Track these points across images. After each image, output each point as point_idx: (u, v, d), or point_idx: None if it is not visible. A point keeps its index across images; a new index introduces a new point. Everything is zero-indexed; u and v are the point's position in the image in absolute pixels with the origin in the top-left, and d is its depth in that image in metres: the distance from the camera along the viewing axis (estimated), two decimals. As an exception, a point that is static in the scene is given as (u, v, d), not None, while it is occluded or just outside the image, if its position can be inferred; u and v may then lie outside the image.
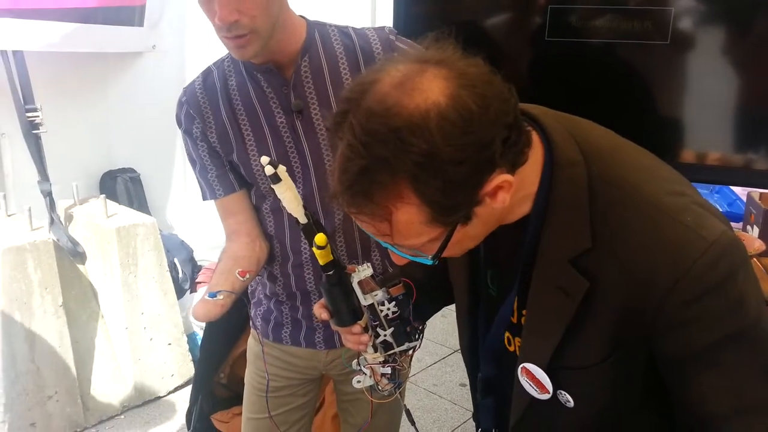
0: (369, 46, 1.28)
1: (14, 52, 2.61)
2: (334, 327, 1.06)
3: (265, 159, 0.89)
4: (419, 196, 0.66)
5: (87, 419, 2.65)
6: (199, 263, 3.51)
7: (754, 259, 2.19)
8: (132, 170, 3.43)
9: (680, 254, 0.71)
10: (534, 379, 0.83)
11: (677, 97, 1.75)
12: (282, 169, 0.90)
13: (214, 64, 1.34)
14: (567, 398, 0.82)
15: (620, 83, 1.76)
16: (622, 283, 0.74)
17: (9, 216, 2.64)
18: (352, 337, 1.02)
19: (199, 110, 1.31)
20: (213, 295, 1.18)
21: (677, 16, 1.69)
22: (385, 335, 1.02)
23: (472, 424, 1.15)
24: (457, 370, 3.21)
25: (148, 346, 2.77)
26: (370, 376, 1.06)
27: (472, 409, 1.13)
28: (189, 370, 2.93)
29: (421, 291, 1.06)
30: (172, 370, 2.88)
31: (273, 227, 1.39)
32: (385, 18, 2.74)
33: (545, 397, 0.83)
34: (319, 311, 1.05)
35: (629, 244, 0.73)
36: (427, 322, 1.08)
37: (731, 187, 2.96)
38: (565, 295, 0.77)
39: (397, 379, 1.05)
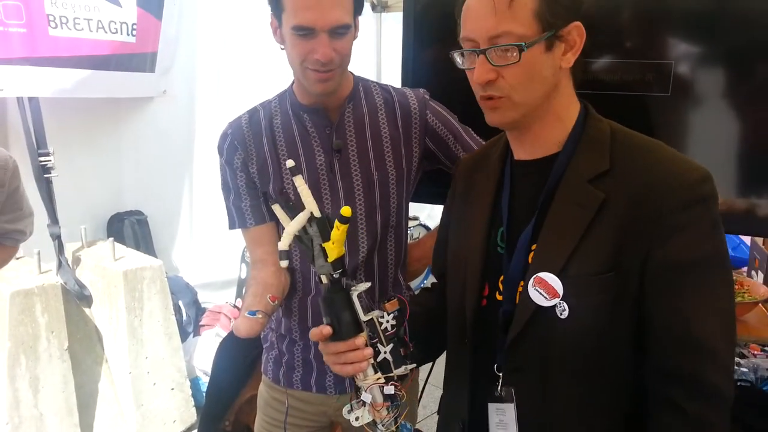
0: (407, 102, 1.43)
1: (29, 98, 2.67)
2: (328, 348, 1.04)
3: (290, 162, 0.99)
4: None
5: (88, 466, 2.61)
6: (203, 305, 3.52)
7: (760, 305, 2.19)
8: (139, 212, 3.46)
9: (678, 169, 0.92)
10: (546, 286, 0.95)
11: (680, 147, 1.79)
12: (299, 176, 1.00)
13: (260, 104, 1.46)
14: (564, 307, 0.94)
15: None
16: (632, 193, 0.91)
17: (17, 259, 2.65)
18: (355, 353, 1.01)
19: (243, 142, 1.41)
20: (253, 313, 1.23)
21: (677, 68, 1.74)
22: (384, 352, 1.02)
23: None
24: (463, 416, 3.17)
25: (151, 391, 2.75)
26: (369, 410, 1.03)
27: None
28: (191, 415, 2.90)
29: (432, 317, 1.18)
30: (175, 415, 2.85)
31: (298, 260, 1.44)
32: (391, 70, 2.82)
33: (554, 302, 0.94)
34: (318, 330, 1.04)
35: (642, 164, 0.93)
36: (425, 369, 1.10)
37: (734, 232, 2.98)
38: (582, 208, 0.94)
39: (398, 401, 1.04)
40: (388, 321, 1.02)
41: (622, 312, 0.94)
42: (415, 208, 4.77)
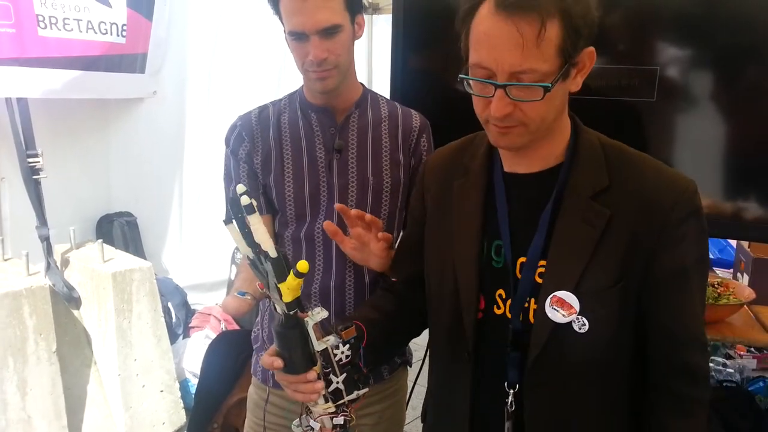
0: (410, 119, 1.49)
1: (18, 99, 2.66)
2: (282, 378, 1.03)
3: (241, 187, 0.93)
4: (563, 21, 0.87)
5: (76, 468, 2.60)
6: (193, 307, 3.51)
7: (745, 306, 2.21)
8: (129, 214, 3.45)
9: (676, 183, 0.97)
10: (563, 304, 0.97)
11: (664, 151, 1.81)
12: (254, 204, 0.93)
13: (271, 102, 1.51)
14: (583, 322, 0.97)
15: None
16: (634, 209, 0.96)
17: (6, 260, 2.64)
18: (306, 386, 1.00)
19: (250, 133, 1.45)
20: (242, 293, 1.25)
21: (662, 73, 1.76)
22: (337, 382, 1.00)
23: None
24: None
25: (140, 394, 2.74)
26: None
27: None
28: (180, 417, 2.89)
29: (391, 323, 1.19)
30: (164, 418, 2.84)
31: (291, 256, 1.46)
32: (382, 72, 2.83)
33: (571, 318, 0.97)
34: (270, 360, 1.02)
35: (639, 179, 0.97)
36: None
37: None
38: (590, 225, 0.96)
39: (347, 429, 1.02)
40: (342, 352, 1.00)
41: (628, 318, 0.99)
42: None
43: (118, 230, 3.34)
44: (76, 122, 3.17)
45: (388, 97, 1.62)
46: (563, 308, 0.97)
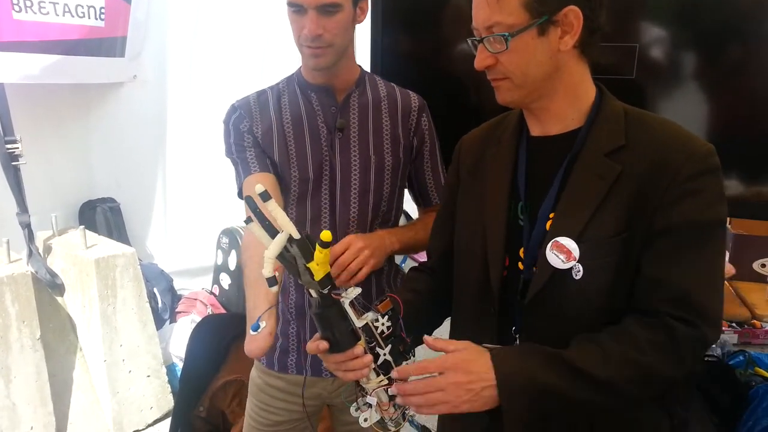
0: (408, 99, 1.51)
1: (-6, 85, 2.62)
2: (330, 360, 1.03)
3: (259, 187, 0.94)
4: None
5: (63, 454, 2.61)
6: (179, 292, 3.50)
7: (726, 282, 2.25)
8: (112, 200, 3.42)
9: (689, 143, 0.99)
10: (564, 250, 1.01)
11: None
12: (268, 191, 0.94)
13: (268, 87, 1.50)
14: (579, 269, 1.00)
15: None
16: (646, 166, 0.98)
17: (-14, 248, 2.62)
18: (355, 362, 1.01)
19: (250, 113, 1.45)
20: (256, 327, 1.19)
21: (642, 51, 1.76)
22: (384, 354, 1.02)
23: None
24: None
25: (127, 379, 2.75)
26: (377, 410, 1.04)
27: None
28: (168, 402, 2.90)
29: (423, 302, 1.21)
30: (151, 402, 2.85)
31: None
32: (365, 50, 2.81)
33: (570, 264, 1.00)
34: (315, 344, 1.03)
35: (654, 139, 1.00)
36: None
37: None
38: (600, 179, 1.00)
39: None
40: (383, 324, 1.01)
41: (627, 271, 1.00)
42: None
43: (101, 216, 3.32)
44: (55, 107, 3.13)
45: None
46: (563, 254, 1.00)
